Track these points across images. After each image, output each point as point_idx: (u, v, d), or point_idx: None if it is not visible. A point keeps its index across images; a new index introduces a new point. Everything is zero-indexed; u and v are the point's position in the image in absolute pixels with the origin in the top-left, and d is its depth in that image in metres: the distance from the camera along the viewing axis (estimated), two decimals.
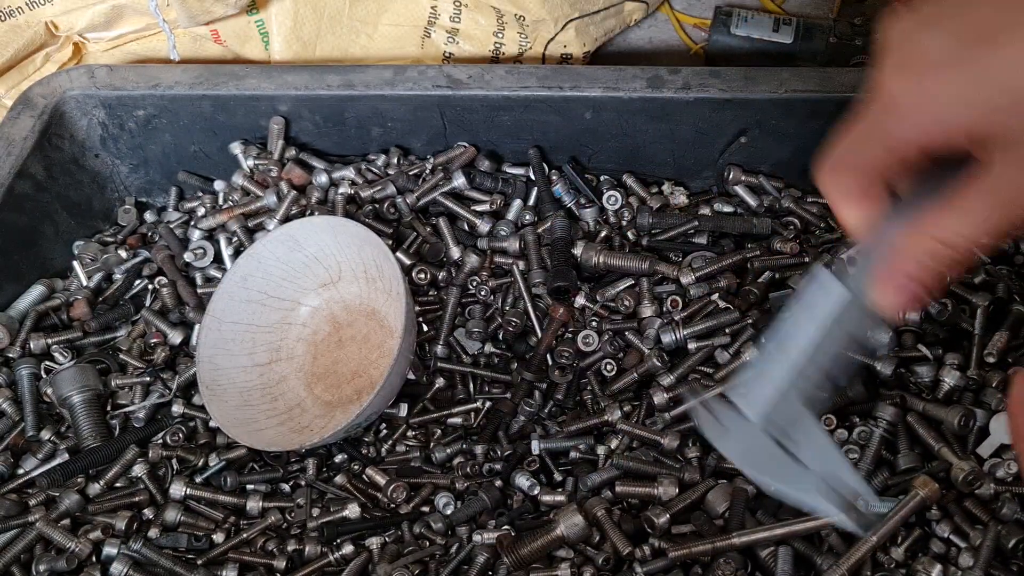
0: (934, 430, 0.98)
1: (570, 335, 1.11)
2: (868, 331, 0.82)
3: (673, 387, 1.04)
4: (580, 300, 1.13)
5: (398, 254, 1.16)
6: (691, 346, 1.07)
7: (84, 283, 1.20)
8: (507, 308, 1.13)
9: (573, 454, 1.02)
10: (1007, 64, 0.46)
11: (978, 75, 0.47)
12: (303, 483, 1.03)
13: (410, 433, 1.07)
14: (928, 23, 0.49)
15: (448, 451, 1.05)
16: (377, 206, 1.21)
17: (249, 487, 1.03)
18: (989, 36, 0.47)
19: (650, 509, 0.93)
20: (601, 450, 1.01)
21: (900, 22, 0.51)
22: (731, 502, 0.93)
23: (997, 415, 0.96)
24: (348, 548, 0.96)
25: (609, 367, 1.09)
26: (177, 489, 1.01)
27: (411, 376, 1.08)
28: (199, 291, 1.16)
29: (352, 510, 0.98)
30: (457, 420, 1.07)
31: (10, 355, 1.12)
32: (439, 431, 1.07)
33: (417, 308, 1.14)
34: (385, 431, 1.07)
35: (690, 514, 0.94)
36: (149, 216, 1.30)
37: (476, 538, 0.94)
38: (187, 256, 1.18)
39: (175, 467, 1.05)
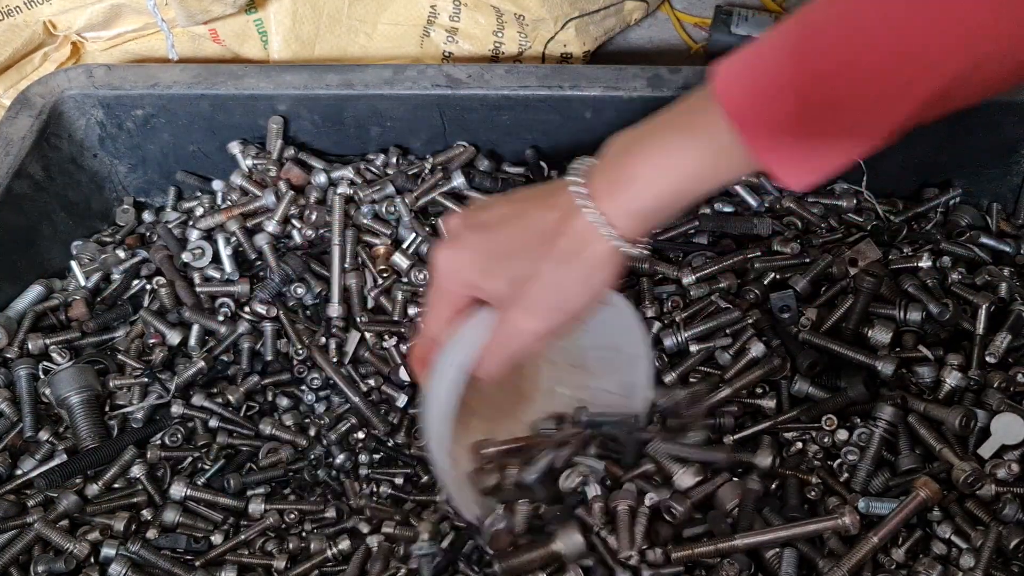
0: (935, 431, 0.97)
1: None
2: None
3: (673, 386, 1.03)
4: None
5: (397, 255, 1.16)
6: (692, 347, 1.07)
7: (82, 283, 1.19)
8: None
9: None
10: None
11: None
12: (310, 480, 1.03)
13: None
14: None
15: None
16: (376, 206, 1.21)
17: (249, 491, 1.03)
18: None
19: (673, 496, 0.91)
20: None
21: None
22: (741, 501, 0.92)
23: (998, 415, 0.96)
24: (344, 544, 0.96)
25: None
26: (177, 490, 1.01)
27: (406, 377, 1.09)
28: (198, 291, 1.16)
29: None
30: None
31: (8, 355, 1.11)
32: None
33: (417, 309, 1.13)
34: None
35: (706, 510, 0.93)
36: (147, 216, 1.30)
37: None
38: (185, 256, 1.18)
39: (174, 467, 1.05)
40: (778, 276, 1.12)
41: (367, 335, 1.13)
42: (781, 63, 0.70)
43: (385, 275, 1.16)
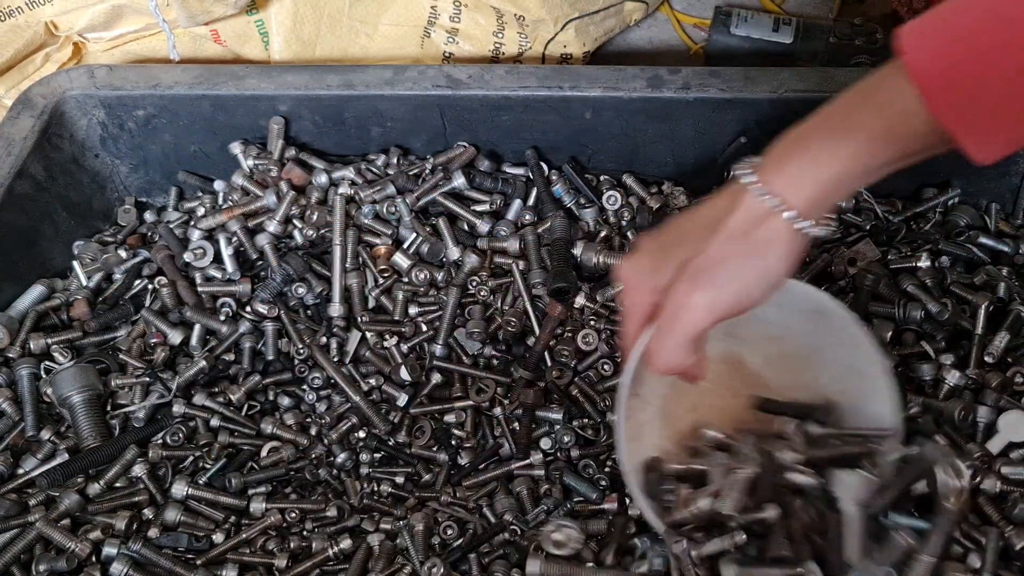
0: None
1: (569, 334, 1.11)
2: None
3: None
4: (580, 300, 1.12)
5: (398, 255, 1.16)
6: None
7: (84, 283, 1.20)
8: (506, 308, 1.13)
9: None
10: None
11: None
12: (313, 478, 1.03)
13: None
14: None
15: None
16: (377, 206, 1.21)
17: (250, 491, 1.04)
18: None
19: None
20: None
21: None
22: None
23: (1005, 413, 0.96)
24: (346, 543, 0.96)
25: (607, 367, 1.09)
26: (178, 489, 1.01)
27: (407, 376, 1.09)
28: (199, 290, 1.16)
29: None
30: (452, 418, 1.08)
31: (10, 355, 1.12)
32: None
33: (417, 309, 1.14)
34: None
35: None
36: (149, 216, 1.30)
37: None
38: (187, 256, 1.18)
39: (175, 467, 1.05)
40: None
41: (368, 335, 1.13)
42: (977, 28, 0.65)
43: (386, 275, 1.16)
